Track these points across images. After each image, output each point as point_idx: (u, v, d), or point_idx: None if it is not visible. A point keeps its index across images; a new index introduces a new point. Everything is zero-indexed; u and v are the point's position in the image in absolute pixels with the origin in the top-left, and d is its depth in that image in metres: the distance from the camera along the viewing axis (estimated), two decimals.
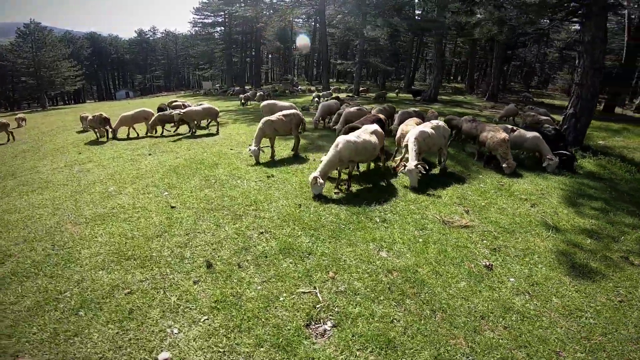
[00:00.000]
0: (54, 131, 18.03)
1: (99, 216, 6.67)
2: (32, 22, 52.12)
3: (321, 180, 7.36)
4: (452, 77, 63.51)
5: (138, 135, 14.70)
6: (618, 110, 29.70)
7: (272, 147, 10.58)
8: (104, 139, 14.30)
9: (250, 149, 9.81)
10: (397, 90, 37.26)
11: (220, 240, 5.79)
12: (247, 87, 48.49)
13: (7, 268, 5.15)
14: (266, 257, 5.34)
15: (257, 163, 9.83)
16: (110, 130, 14.73)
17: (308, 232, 6.06)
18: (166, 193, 7.72)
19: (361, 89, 37.27)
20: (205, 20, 57.93)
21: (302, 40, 55.56)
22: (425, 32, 34.34)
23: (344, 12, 34.58)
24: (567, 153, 11.04)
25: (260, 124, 10.06)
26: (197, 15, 57.15)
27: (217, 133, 14.53)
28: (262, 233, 6.03)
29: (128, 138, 14.32)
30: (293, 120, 10.71)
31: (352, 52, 62.21)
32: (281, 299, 4.49)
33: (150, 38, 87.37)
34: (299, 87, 45.58)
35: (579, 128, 14.16)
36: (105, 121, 14.49)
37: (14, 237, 6.06)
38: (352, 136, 7.87)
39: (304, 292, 4.61)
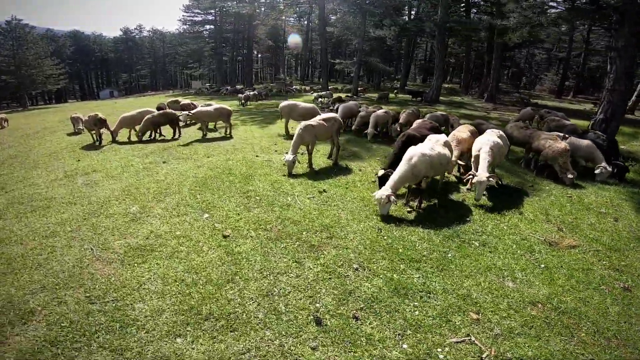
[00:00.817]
0: (41, 133, 16.04)
1: (134, 249, 5.15)
2: (13, 19, 48.79)
3: (394, 198, 6.24)
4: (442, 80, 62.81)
5: (151, 137, 13.01)
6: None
7: (310, 155, 9.26)
8: (98, 143, 12.57)
9: (286, 158, 8.41)
10: (395, 91, 36.13)
11: (311, 282, 4.51)
12: (238, 87, 46.64)
13: (37, 333, 3.59)
14: (380, 301, 4.23)
15: (290, 174, 8.45)
16: (109, 132, 12.98)
17: (411, 264, 4.99)
18: (207, 215, 6.22)
19: (359, 88, 36.04)
20: (195, 18, 55.48)
21: (294, 39, 53.94)
22: (422, 33, 33.26)
23: (342, 11, 33.21)
24: (621, 163, 10.45)
25: (299, 130, 8.62)
26: (187, 12, 54.69)
27: (231, 136, 12.96)
28: (357, 269, 4.81)
29: (129, 142, 12.58)
30: (335, 125, 9.35)
31: (345, 52, 60.98)
32: (440, 356, 3.54)
33: (137, 36, 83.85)
34: (293, 86, 44.00)
35: (608, 133, 13.75)
36: (102, 122, 12.70)
37: (25, 282, 4.48)
38: (425, 148, 6.66)
39: (457, 342, 3.78)
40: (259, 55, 71.54)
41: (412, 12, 34.28)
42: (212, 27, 54.70)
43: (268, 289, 4.37)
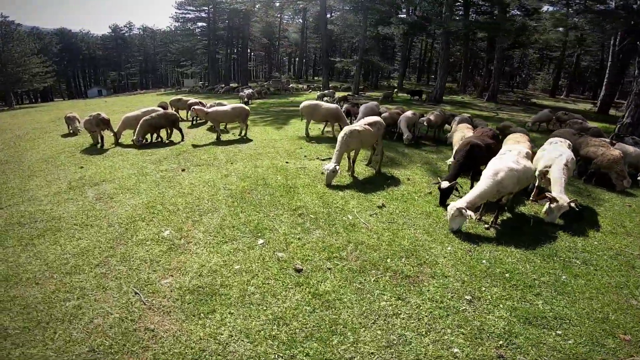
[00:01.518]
0: (32, 134, 14.48)
1: (191, 292, 3.95)
2: None
3: (469, 213, 5.28)
4: (433, 77, 62.23)
5: (148, 140, 11.65)
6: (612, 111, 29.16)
7: (353, 163, 8.21)
8: (100, 146, 11.24)
9: (325, 167, 7.34)
10: (396, 90, 35.22)
11: (429, 322, 3.64)
12: (232, 85, 45.09)
13: None
14: (518, 335, 3.59)
15: (329, 185, 7.37)
16: (112, 134, 11.63)
17: (526, 290, 4.28)
18: (261, 241, 5.04)
19: (361, 87, 34.98)
20: (188, 15, 53.57)
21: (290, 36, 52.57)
22: (424, 32, 32.35)
23: (343, 9, 32.08)
24: None
25: (344, 136, 7.52)
26: (180, 9, 52.73)
27: (247, 138, 11.75)
28: (470, 301, 3.98)
29: (134, 145, 11.24)
30: (380, 130, 8.33)
31: (340, 50, 59.83)
32: None
33: (126, 34, 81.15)
34: (290, 85, 42.67)
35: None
36: (105, 123, 11.34)
37: (63, 343, 3.26)
38: (511, 162, 5.74)
39: None
40: (252, 54, 69.83)
41: (415, 11, 33.25)
42: (205, 24, 52.94)
43: (385, 338, 3.35)
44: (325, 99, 24.47)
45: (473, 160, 6.86)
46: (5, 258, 4.70)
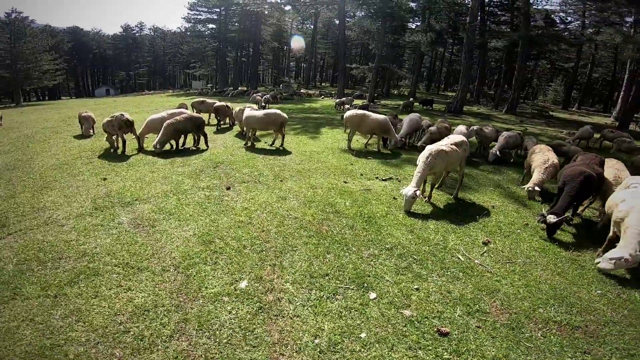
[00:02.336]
0: (42, 135, 13.15)
1: None
2: (13, 11, 44.93)
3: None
4: (442, 86, 61.14)
5: (173, 147, 10.35)
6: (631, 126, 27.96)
7: (432, 188, 7.13)
8: (121, 151, 9.97)
9: (405, 192, 6.19)
10: (411, 99, 33.95)
11: None
12: (241, 88, 43.83)
13: None
14: None
15: (408, 212, 6.22)
16: (135, 138, 10.35)
17: None
18: (374, 295, 3.90)
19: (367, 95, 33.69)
20: (200, 17, 52.41)
21: (297, 42, 51.38)
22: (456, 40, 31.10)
23: (359, 15, 30.91)
24: None
25: (429, 157, 6.41)
26: (192, 10, 51.57)
27: (283, 148, 10.50)
28: None
29: (166, 152, 9.92)
30: (466, 152, 7.26)
31: (350, 55, 58.63)
32: None
33: (137, 34, 79.94)
34: (302, 90, 41.39)
35: None
36: (128, 125, 10.05)
37: None
38: None
39: None
40: (260, 58, 68.62)
41: (433, 18, 32.07)
42: (216, 26, 51.79)
43: None
44: (346, 106, 23.20)
45: (587, 192, 5.64)
46: (30, 316, 3.35)
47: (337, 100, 25.79)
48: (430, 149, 6.56)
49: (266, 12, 42.10)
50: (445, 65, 59.44)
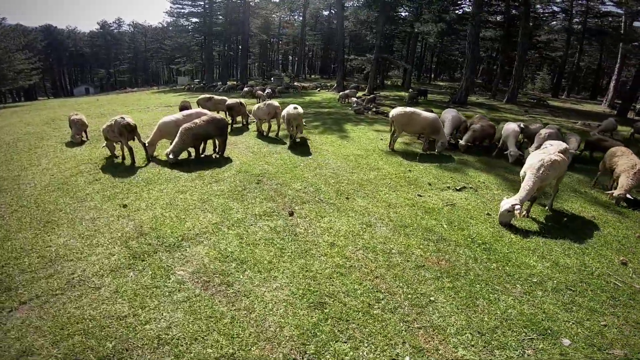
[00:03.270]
0: (27, 142, 11.14)
1: None
2: None
3: None
4: (432, 76, 59.98)
5: (191, 155, 8.63)
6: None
7: (535, 199, 5.93)
8: (130, 162, 8.26)
9: (505, 207, 5.24)
10: (410, 90, 32.59)
11: None
12: (231, 83, 41.55)
13: None
14: None
15: (505, 226, 5.29)
16: (142, 145, 8.58)
17: None
18: (568, 342, 3.13)
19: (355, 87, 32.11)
20: (184, 10, 49.45)
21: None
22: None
23: (356, 6, 29.20)
24: None
25: (539, 167, 5.36)
26: (175, 4, 48.55)
27: (295, 140, 8.91)
28: None
29: (183, 162, 8.17)
30: (570, 159, 6.00)
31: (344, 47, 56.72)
32: None
33: (115, 30, 75.65)
34: (295, 83, 39.42)
35: None
36: (131, 131, 8.29)
37: None
38: None
39: None
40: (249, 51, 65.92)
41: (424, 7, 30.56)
42: (200, 19, 48.96)
43: None
44: (353, 99, 21.62)
45: None
46: None
47: (341, 92, 24.16)
48: (541, 159, 5.43)
49: (253, 4, 39.85)
50: (435, 55, 58.30)
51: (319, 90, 35.04)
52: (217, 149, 8.83)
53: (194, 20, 50.32)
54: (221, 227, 4.95)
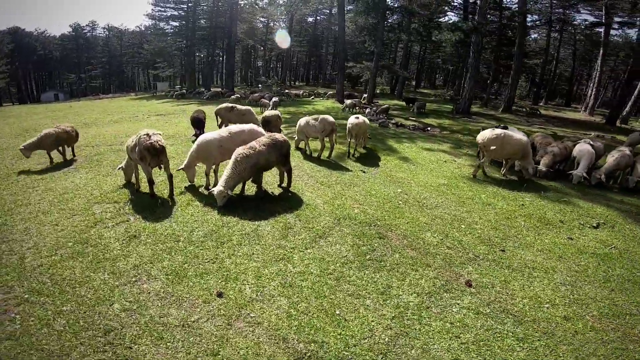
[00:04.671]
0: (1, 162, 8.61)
1: None
2: None
3: None
4: (414, 83, 59.39)
5: (240, 190, 6.52)
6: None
7: None
8: (169, 198, 6.13)
9: None
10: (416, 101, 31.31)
11: None
12: (214, 89, 38.87)
13: None
14: None
15: None
16: (168, 178, 6.37)
17: None
18: None
19: (363, 95, 30.60)
20: (165, 13, 46.12)
21: (281, 37, 47.00)
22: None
23: (356, 11, 27.63)
24: None
25: None
26: (156, 7, 45.20)
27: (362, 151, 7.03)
28: None
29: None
30: None
31: (345, 53, 55.06)
32: None
33: (88, 34, 70.33)
34: (286, 91, 37.22)
35: None
36: (155, 155, 6.07)
37: None
38: None
39: None
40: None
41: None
42: (180, 23, 45.80)
43: None
44: (368, 111, 19.85)
45: None
46: None
47: (347, 102, 22.33)
48: None
49: (241, 5, 37.44)
50: (416, 63, 57.82)
51: (312, 98, 33.12)
52: (281, 182, 6.75)
53: (175, 24, 47.12)
54: (410, 331, 3.00)
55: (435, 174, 8.53)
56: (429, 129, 17.04)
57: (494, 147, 7.99)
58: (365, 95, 29.21)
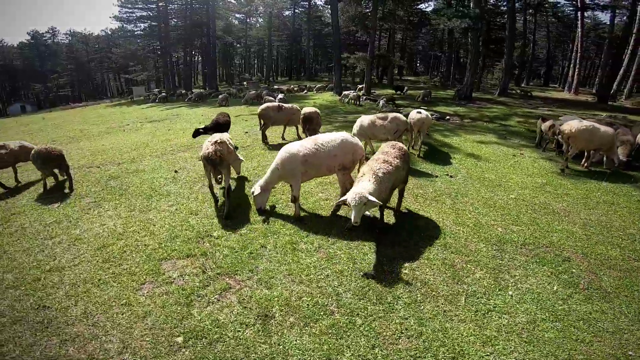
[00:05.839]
0: None
1: None
2: None
3: None
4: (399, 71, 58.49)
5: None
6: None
7: None
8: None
9: None
10: (405, 89, 30.28)
11: None
12: (197, 91, 36.52)
13: None
14: None
15: None
16: (225, 192, 4.96)
17: None
18: None
19: (358, 86, 29.28)
20: (133, 14, 42.60)
21: None
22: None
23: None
24: None
25: None
26: (123, 8, 41.66)
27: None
28: None
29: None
30: None
31: (340, 45, 53.13)
32: None
33: (49, 41, 65.02)
34: (275, 86, 35.23)
35: None
36: (212, 162, 4.90)
37: None
38: None
39: None
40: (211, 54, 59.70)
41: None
42: (154, 24, 42.60)
43: None
44: (382, 101, 18.51)
45: None
46: None
47: (351, 93, 20.89)
48: None
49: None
50: (397, 50, 56.83)
51: (305, 92, 31.47)
52: (399, 206, 5.34)
53: (142, 25, 43.68)
54: None
55: (521, 171, 7.53)
56: (448, 117, 15.98)
57: (585, 139, 7.18)
58: (360, 86, 27.96)
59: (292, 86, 33.99)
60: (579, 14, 34.87)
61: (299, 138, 9.49)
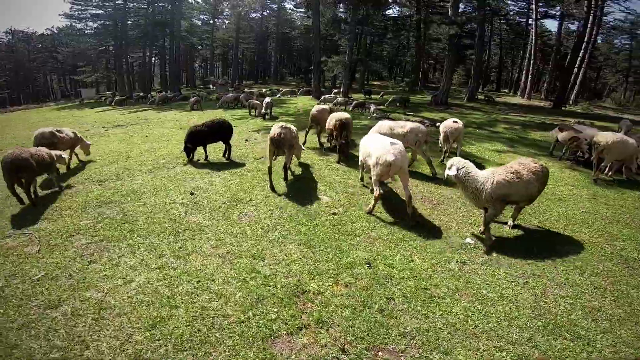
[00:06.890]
0: None
1: None
2: None
3: None
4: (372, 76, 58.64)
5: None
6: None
7: None
8: None
9: None
10: (382, 93, 30.02)
11: None
12: (159, 94, 33.81)
13: None
14: None
15: None
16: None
17: None
18: None
19: (333, 90, 28.62)
20: (85, 12, 38.51)
21: None
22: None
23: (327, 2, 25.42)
24: None
25: None
26: (75, 4, 37.48)
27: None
28: None
29: None
30: None
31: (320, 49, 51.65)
32: None
33: None
34: (245, 90, 33.32)
35: None
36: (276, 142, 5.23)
37: None
38: None
39: None
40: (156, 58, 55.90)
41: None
42: (109, 22, 38.85)
43: None
44: (372, 108, 17.73)
45: None
46: None
47: (340, 99, 19.99)
48: None
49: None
50: (362, 55, 56.99)
51: (279, 97, 30.07)
52: (514, 219, 4.78)
53: (93, 24, 39.65)
54: None
55: (561, 182, 7.25)
56: (438, 124, 15.69)
57: (619, 151, 7.28)
58: (335, 90, 27.34)
59: (264, 90, 32.47)
60: (532, 22, 37.11)
61: (320, 144, 8.57)
